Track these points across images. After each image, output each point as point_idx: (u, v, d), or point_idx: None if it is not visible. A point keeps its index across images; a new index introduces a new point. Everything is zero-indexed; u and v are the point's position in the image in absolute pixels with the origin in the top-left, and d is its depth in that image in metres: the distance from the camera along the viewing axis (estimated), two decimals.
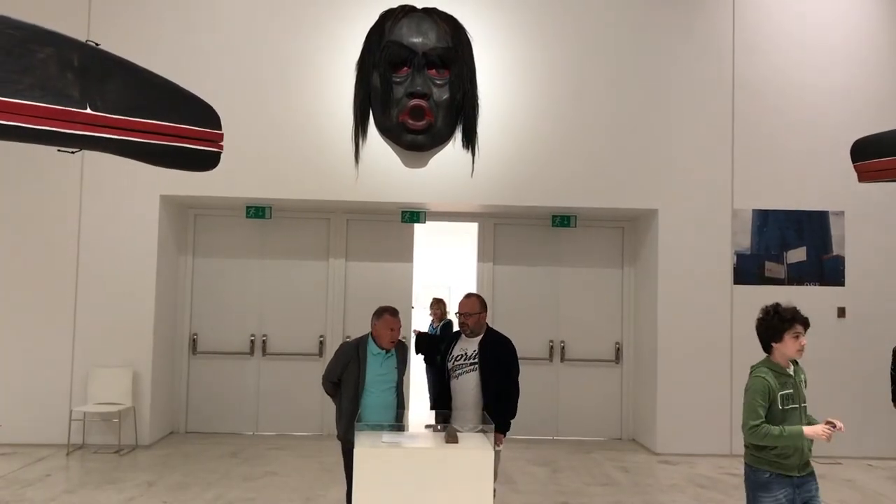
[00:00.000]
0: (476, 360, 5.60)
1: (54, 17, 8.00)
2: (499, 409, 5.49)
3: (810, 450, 4.19)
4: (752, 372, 4.27)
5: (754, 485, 4.21)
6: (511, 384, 5.67)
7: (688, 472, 8.12)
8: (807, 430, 4.04)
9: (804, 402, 4.22)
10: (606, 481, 7.74)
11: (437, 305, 10.38)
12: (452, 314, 8.93)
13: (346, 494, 5.40)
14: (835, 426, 4.03)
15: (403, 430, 5.45)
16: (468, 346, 5.68)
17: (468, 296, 5.86)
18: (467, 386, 5.62)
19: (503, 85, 9.05)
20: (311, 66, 8.94)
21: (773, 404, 4.12)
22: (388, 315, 5.49)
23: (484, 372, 5.58)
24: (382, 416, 5.40)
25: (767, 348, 4.27)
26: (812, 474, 4.22)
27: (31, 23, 3.83)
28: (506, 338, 5.83)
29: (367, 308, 5.67)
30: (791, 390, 4.16)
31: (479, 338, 5.69)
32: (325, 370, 5.63)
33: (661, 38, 9.17)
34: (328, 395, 5.67)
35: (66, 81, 3.90)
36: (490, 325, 5.82)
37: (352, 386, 5.42)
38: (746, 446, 4.31)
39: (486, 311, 5.80)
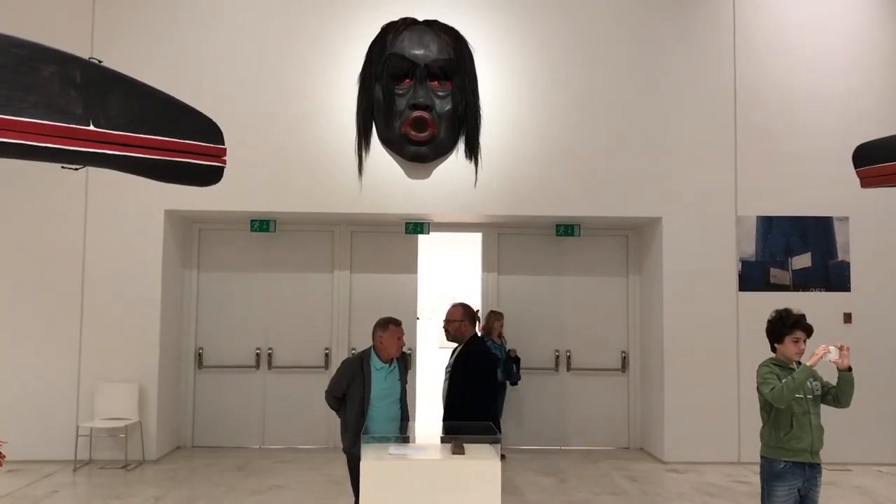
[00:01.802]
0: (450, 368, 5.83)
1: (57, 35, 8.07)
2: (451, 416, 5.58)
3: (821, 439, 4.54)
4: (759, 367, 4.68)
5: (769, 475, 4.56)
6: (467, 399, 5.58)
7: (696, 481, 8.08)
8: (808, 362, 4.40)
9: (810, 395, 4.54)
10: (614, 490, 7.71)
11: (495, 318, 9.20)
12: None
13: None
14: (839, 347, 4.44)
15: (409, 442, 5.45)
16: (453, 354, 5.97)
17: (454, 304, 6.09)
18: (442, 393, 5.86)
19: (505, 95, 9.07)
20: (313, 79, 8.98)
21: None
22: (394, 325, 5.55)
23: (450, 380, 5.75)
24: (388, 429, 5.43)
25: (773, 348, 4.71)
26: (819, 467, 4.57)
27: (34, 41, 3.86)
28: (480, 352, 5.91)
29: (372, 320, 5.68)
30: None
31: (460, 347, 5.90)
32: (329, 385, 5.62)
33: (662, 46, 9.19)
34: (332, 409, 5.68)
35: (69, 98, 3.92)
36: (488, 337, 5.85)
37: (357, 401, 5.41)
38: (762, 438, 4.68)
39: (468, 321, 5.94)
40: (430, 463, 4.91)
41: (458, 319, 5.90)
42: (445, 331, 5.99)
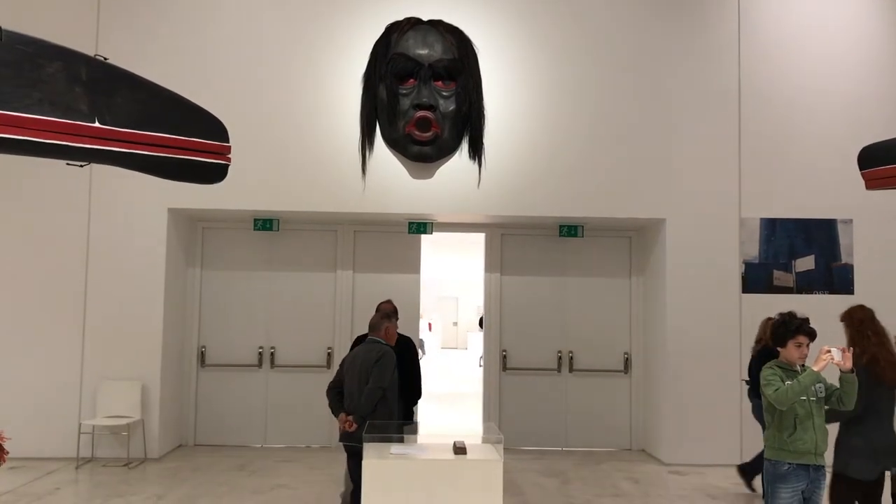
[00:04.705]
0: None
1: (62, 32, 8.06)
2: None
3: (825, 441, 4.55)
4: (762, 370, 4.70)
5: (773, 477, 4.58)
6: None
7: (698, 483, 8.07)
8: (814, 367, 4.41)
9: (813, 397, 4.55)
10: (616, 492, 7.70)
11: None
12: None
13: (348, 495, 5.48)
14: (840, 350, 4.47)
15: (412, 442, 5.46)
16: None
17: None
18: None
19: (509, 95, 9.07)
20: (317, 78, 8.98)
21: None
22: (395, 316, 5.90)
23: None
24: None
25: (776, 351, 4.74)
26: (823, 469, 4.59)
27: (40, 38, 3.86)
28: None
29: None
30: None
31: None
32: (382, 379, 5.44)
33: (667, 48, 9.18)
34: (372, 408, 5.40)
35: (75, 95, 3.92)
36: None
37: (395, 390, 5.50)
38: (766, 441, 4.71)
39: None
40: (432, 462, 4.92)
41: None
42: None
